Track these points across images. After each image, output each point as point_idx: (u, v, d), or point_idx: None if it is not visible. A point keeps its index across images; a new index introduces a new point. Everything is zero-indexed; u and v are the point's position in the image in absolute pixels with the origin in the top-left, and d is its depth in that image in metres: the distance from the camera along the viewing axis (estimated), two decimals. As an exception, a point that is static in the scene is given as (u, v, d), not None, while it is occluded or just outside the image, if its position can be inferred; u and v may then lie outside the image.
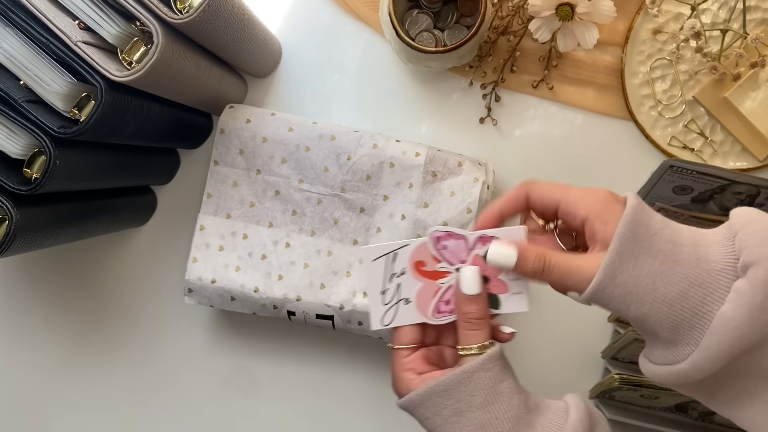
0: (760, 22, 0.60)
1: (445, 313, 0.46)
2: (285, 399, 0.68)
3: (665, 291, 0.37)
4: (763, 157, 0.61)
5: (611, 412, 0.62)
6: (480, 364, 0.42)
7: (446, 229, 0.45)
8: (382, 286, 0.46)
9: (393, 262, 0.46)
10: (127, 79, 0.46)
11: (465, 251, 0.45)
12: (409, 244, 0.46)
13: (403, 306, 0.47)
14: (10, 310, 0.69)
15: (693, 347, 0.37)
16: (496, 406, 0.42)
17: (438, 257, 0.46)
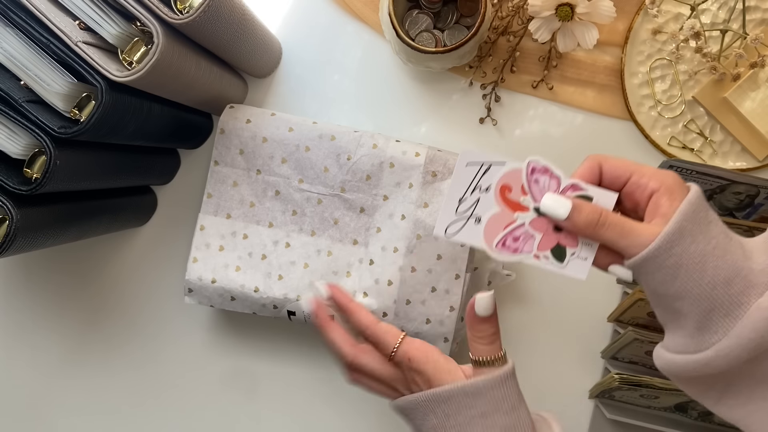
0: (759, 23, 0.60)
1: (509, 249, 0.45)
2: (285, 399, 0.68)
3: (713, 273, 0.38)
4: (763, 157, 0.61)
5: (611, 412, 0.62)
6: (510, 372, 0.44)
7: (544, 163, 0.44)
8: (463, 194, 0.45)
9: (483, 175, 0.45)
10: (128, 79, 0.46)
11: (556, 190, 0.44)
12: (505, 164, 0.44)
13: (473, 224, 0.45)
14: (11, 310, 0.69)
15: (721, 335, 0.38)
16: (519, 412, 0.44)
17: (526, 188, 0.44)
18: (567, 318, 0.65)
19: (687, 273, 0.38)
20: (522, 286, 0.65)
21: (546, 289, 0.65)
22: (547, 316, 0.65)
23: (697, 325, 0.39)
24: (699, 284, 0.38)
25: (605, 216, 0.41)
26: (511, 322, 0.66)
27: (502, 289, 0.65)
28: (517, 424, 0.43)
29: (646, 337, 0.56)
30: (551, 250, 0.44)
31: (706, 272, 0.38)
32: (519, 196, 0.44)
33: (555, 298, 0.65)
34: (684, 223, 0.38)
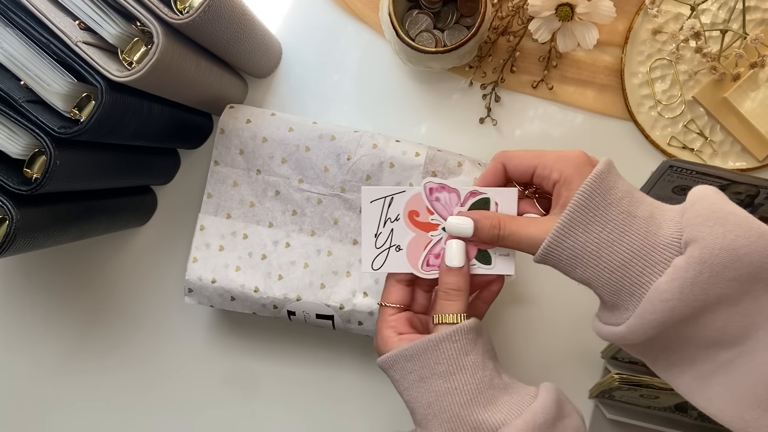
0: (759, 23, 0.60)
1: (434, 267, 0.47)
2: (285, 399, 0.68)
3: (609, 259, 0.39)
4: (763, 157, 0.61)
5: (611, 412, 0.62)
6: (447, 335, 0.43)
7: (439, 182, 0.46)
8: (377, 229, 0.47)
9: (389, 206, 0.47)
10: (128, 79, 0.46)
11: (456, 205, 0.47)
12: (405, 191, 0.47)
13: (395, 253, 0.48)
14: (11, 310, 0.69)
15: (631, 312, 0.39)
16: (457, 377, 0.43)
17: (430, 209, 0.47)
18: (567, 318, 0.65)
19: (583, 263, 0.40)
20: (522, 286, 0.65)
21: (546, 289, 0.65)
22: (547, 316, 0.65)
23: (610, 302, 0.41)
24: (596, 271, 0.40)
25: (502, 229, 0.44)
26: (511, 322, 0.66)
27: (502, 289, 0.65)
28: (456, 389, 0.42)
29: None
30: (476, 257, 0.47)
31: (601, 259, 0.39)
32: (427, 217, 0.47)
33: (555, 298, 0.65)
34: (574, 215, 0.40)
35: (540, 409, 0.41)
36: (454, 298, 0.45)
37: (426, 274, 0.47)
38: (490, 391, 0.43)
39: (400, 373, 0.44)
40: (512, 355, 0.66)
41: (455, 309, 0.45)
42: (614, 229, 0.39)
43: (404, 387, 0.44)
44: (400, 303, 0.48)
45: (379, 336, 0.47)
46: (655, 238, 0.39)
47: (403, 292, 0.48)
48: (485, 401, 0.42)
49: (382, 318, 0.47)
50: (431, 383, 0.43)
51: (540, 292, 0.65)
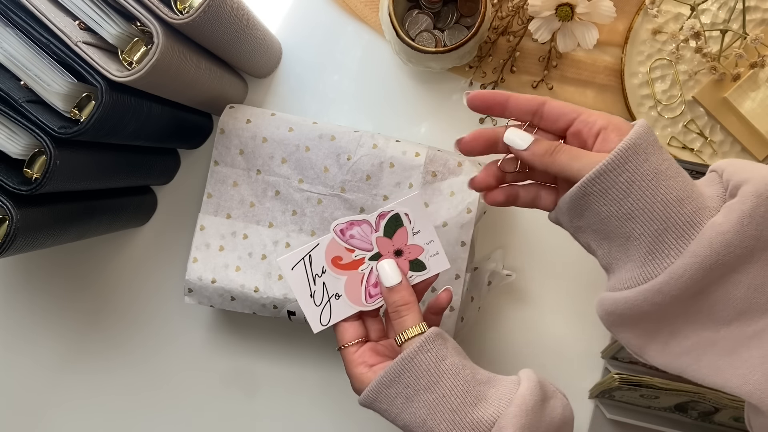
0: (759, 23, 0.60)
1: (376, 296, 0.48)
2: (285, 399, 0.68)
3: (666, 191, 0.37)
4: (763, 157, 0.61)
5: (611, 412, 0.62)
6: (418, 347, 0.43)
7: (346, 219, 0.47)
8: (309, 290, 0.48)
9: (310, 264, 0.48)
10: (128, 79, 0.46)
11: (372, 233, 0.47)
12: (319, 244, 0.47)
13: (335, 302, 0.48)
14: (11, 310, 0.69)
15: (674, 257, 0.37)
16: (442, 384, 0.43)
17: (349, 247, 0.48)
18: (567, 318, 0.65)
19: (640, 190, 0.38)
20: (522, 286, 0.65)
21: (546, 289, 0.65)
22: (547, 316, 0.65)
23: (648, 248, 0.38)
24: (652, 202, 0.38)
25: (560, 145, 0.41)
26: (511, 322, 0.66)
27: (502, 289, 0.65)
28: (444, 397, 0.42)
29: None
30: (410, 269, 0.48)
31: (659, 189, 0.38)
32: (350, 256, 0.48)
33: (555, 298, 0.65)
34: (638, 141, 0.38)
35: (528, 393, 0.42)
36: (406, 312, 0.45)
37: (373, 306, 0.48)
38: (477, 388, 0.43)
39: (386, 401, 0.44)
40: (512, 355, 0.66)
41: (412, 321, 0.45)
42: (671, 166, 0.38)
43: (395, 413, 0.44)
44: (357, 338, 0.48)
45: (352, 378, 0.47)
46: (701, 189, 0.39)
47: (355, 327, 0.48)
48: (475, 399, 0.42)
49: (348, 359, 0.47)
50: (419, 399, 0.43)
51: (540, 292, 0.65)
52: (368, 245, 0.48)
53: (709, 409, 0.59)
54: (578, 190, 0.39)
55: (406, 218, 0.48)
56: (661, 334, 0.40)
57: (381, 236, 0.48)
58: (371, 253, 0.48)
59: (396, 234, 0.48)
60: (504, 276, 0.62)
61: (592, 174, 0.38)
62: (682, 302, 0.38)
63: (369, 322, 0.50)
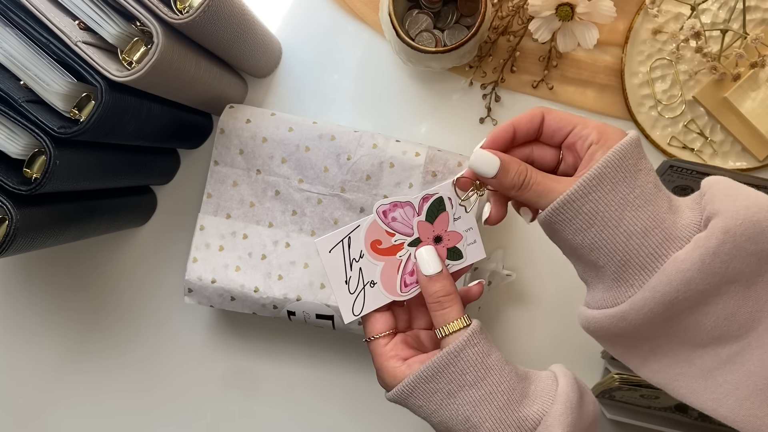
0: (759, 22, 0.60)
1: (411, 285, 0.46)
2: (285, 399, 0.68)
3: (630, 223, 0.37)
4: (763, 157, 0.61)
5: (611, 412, 0.62)
6: (466, 341, 0.41)
7: (390, 200, 0.44)
8: (345, 276, 0.45)
9: (349, 247, 0.45)
10: (127, 79, 0.46)
11: (414, 217, 0.45)
12: (360, 226, 0.45)
13: (370, 290, 0.46)
14: (10, 310, 0.69)
15: (637, 288, 0.37)
16: (489, 380, 0.41)
17: (390, 231, 0.45)
18: (567, 318, 0.65)
19: (603, 221, 0.38)
20: (522, 286, 0.65)
21: (546, 289, 0.65)
22: (547, 316, 0.65)
23: (613, 277, 0.38)
24: (613, 233, 0.37)
25: (529, 176, 0.41)
26: (511, 322, 0.66)
27: (502, 289, 0.65)
28: (491, 394, 0.41)
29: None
30: (447, 257, 0.46)
31: (622, 221, 0.37)
32: (390, 241, 0.45)
33: (555, 298, 0.65)
34: (606, 170, 0.38)
35: (570, 389, 0.41)
36: (449, 304, 0.43)
37: (408, 296, 0.46)
38: (521, 384, 0.42)
39: (423, 397, 0.42)
40: (512, 355, 0.65)
41: (456, 314, 0.43)
42: (642, 194, 0.38)
43: (432, 410, 0.42)
44: (388, 329, 0.45)
45: (383, 371, 0.44)
46: (676, 216, 0.38)
47: (385, 318, 0.46)
48: (520, 396, 0.41)
49: (378, 352, 0.45)
50: (463, 396, 0.41)
51: (540, 292, 0.65)
52: (409, 229, 0.45)
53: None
54: (544, 218, 0.40)
55: (449, 202, 0.45)
56: (641, 349, 0.40)
57: (423, 220, 0.45)
58: (411, 238, 0.45)
59: (438, 219, 0.45)
60: (504, 276, 0.62)
61: (555, 205, 0.39)
62: (655, 325, 0.38)
63: (397, 312, 0.47)
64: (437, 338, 0.43)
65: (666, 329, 0.38)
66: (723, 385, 0.37)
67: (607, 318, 0.39)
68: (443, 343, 0.43)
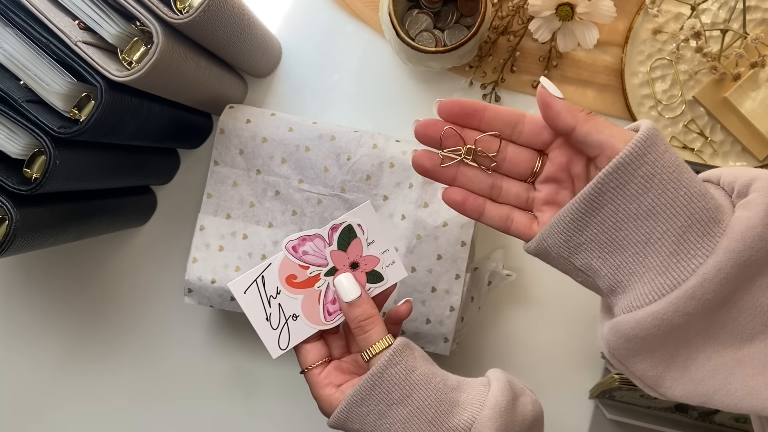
0: (760, 22, 0.60)
1: (335, 313, 0.47)
2: (285, 399, 0.68)
3: (688, 185, 0.34)
4: (763, 157, 0.61)
5: (611, 412, 0.62)
6: (386, 361, 0.42)
7: (297, 236, 0.46)
8: (265, 313, 0.46)
9: (264, 286, 0.46)
10: (127, 79, 0.46)
11: (326, 247, 0.46)
12: (271, 264, 0.46)
13: (293, 323, 0.47)
14: (10, 310, 0.69)
15: (702, 258, 0.33)
16: (415, 396, 0.42)
17: (303, 264, 0.46)
18: (567, 318, 0.65)
19: (662, 183, 0.34)
20: (522, 286, 0.65)
21: (546, 289, 0.65)
22: (547, 316, 0.65)
23: (671, 250, 0.34)
24: (675, 196, 0.34)
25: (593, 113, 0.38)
26: (511, 322, 0.66)
27: (502, 289, 0.65)
28: (419, 409, 0.41)
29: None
30: (368, 281, 0.47)
31: (681, 182, 0.34)
32: (305, 274, 0.46)
33: (555, 298, 0.65)
34: (654, 132, 0.35)
35: (499, 394, 0.41)
36: (370, 326, 0.44)
37: (333, 323, 0.47)
38: (449, 395, 0.42)
39: (358, 420, 0.43)
40: (512, 355, 0.65)
41: (378, 335, 0.44)
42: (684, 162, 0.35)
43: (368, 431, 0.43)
44: (320, 359, 0.46)
45: (320, 400, 0.45)
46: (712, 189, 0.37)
47: (317, 348, 0.47)
48: (449, 407, 0.42)
49: (313, 382, 0.46)
50: (392, 414, 0.42)
51: (540, 292, 0.65)
52: (323, 260, 0.46)
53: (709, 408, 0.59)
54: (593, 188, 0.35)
55: (359, 229, 0.46)
56: (679, 358, 0.36)
57: (335, 249, 0.46)
58: (326, 269, 0.47)
59: (350, 246, 0.47)
60: (504, 276, 0.62)
61: (613, 165, 0.35)
62: (705, 315, 0.34)
63: (330, 339, 0.49)
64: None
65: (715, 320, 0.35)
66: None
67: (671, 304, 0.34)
68: (370, 365, 0.43)
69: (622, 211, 0.35)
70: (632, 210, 0.35)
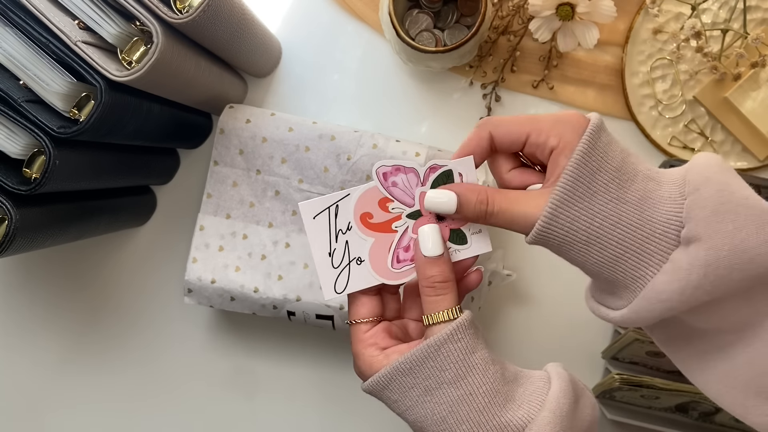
0: (760, 22, 0.60)
1: (404, 262, 0.41)
2: (285, 399, 0.68)
3: (600, 249, 0.36)
4: (764, 156, 0.61)
5: (611, 412, 0.62)
6: (448, 336, 0.38)
7: (393, 163, 0.40)
8: (329, 247, 0.41)
9: (336, 216, 0.41)
10: (127, 78, 0.46)
11: (417, 186, 0.41)
12: (350, 194, 0.41)
13: (356, 267, 0.41)
14: (10, 310, 0.69)
15: (626, 302, 0.37)
16: (469, 380, 0.38)
17: (389, 196, 0.41)
18: (567, 318, 0.64)
19: (574, 248, 0.37)
20: (522, 286, 0.65)
21: (546, 289, 0.65)
22: (547, 316, 0.65)
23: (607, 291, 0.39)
24: (587, 259, 0.37)
25: (491, 205, 0.38)
26: (511, 322, 0.66)
27: (502, 289, 0.65)
28: (471, 394, 0.37)
29: (647, 337, 0.56)
30: (449, 239, 0.41)
31: (591, 248, 0.37)
32: (382, 216, 0.41)
33: (555, 298, 0.65)
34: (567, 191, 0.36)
35: (562, 395, 0.37)
36: (443, 291, 0.39)
37: (400, 279, 0.42)
38: (506, 387, 0.38)
39: (399, 391, 0.39)
40: (512, 355, 0.65)
41: (448, 303, 0.39)
42: (605, 219, 0.36)
43: (407, 406, 0.39)
44: (372, 316, 0.42)
45: (359, 359, 0.41)
46: (650, 227, 0.35)
47: (372, 303, 0.42)
48: (503, 399, 0.37)
49: (358, 337, 0.41)
50: (440, 394, 0.38)
51: (540, 292, 0.65)
52: (410, 198, 0.41)
53: (709, 409, 0.59)
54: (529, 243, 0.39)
55: (459, 178, 0.40)
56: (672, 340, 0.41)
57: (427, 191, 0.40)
58: (411, 210, 0.41)
59: None
60: (504, 276, 0.62)
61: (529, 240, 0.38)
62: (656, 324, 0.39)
63: (387, 298, 0.44)
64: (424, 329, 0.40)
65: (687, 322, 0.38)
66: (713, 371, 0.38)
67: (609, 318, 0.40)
68: (428, 332, 0.39)
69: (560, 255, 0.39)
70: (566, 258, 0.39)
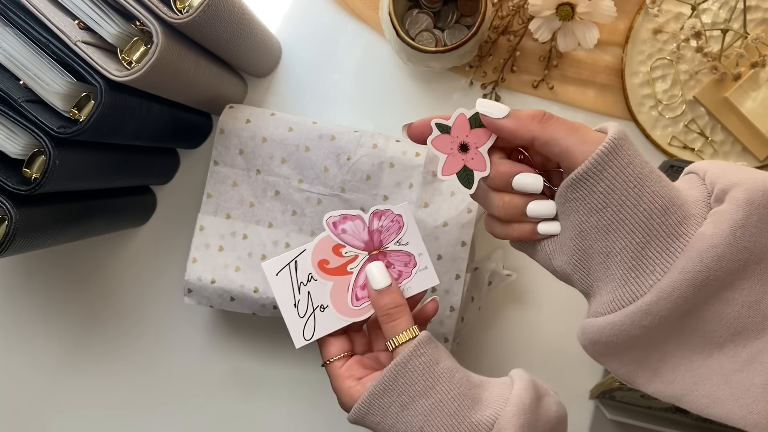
0: (760, 22, 0.60)
1: (363, 299, 0.47)
2: (285, 399, 0.68)
3: (650, 198, 0.34)
4: (764, 157, 0.61)
5: (611, 412, 0.62)
6: (411, 352, 0.42)
7: (339, 213, 0.46)
8: (293, 299, 0.46)
9: (296, 271, 0.46)
10: (127, 79, 0.46)
11: (364, 230, 0.46)
12: (305, 250, 0.46)
13: (320, 314, 0.47)
14: (10, 310, 0.69)
15: (660, 274, 0.34)
16: (438, 389, 0.42)
17: (340, 242, 0.46)
18: (567, 318, 0.64)
19: (620, 200, 0.34)
20: (522, 286, 0.65)
21: (546, 289, 0.65)
22: (546, 316, 0.65)
23: (630, 264, 0.34)
24: (633, 211, 0.34)
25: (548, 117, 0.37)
26: (511, 322, 0.66)
27: (502, 289, 0.65)
28: (441, 402, 0.41)
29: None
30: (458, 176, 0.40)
31: (642, 197, 0.34)
32: (337, 261, 0.46)
33: (555, 298, 0.65)
34: (616, 142, 0.34)
35: (523, 392, 0.41)
36: (398, 315, 0.44)
37: (362, 315, 0.47)
38: (472, 391, 0.42)
39: (379, 412, 0.43)
40: (512, 355, 0.65)
41: (404, 325, 0.44)
42: (654, 170, 0.35)
43: (389, 424, 0.43)
44: (343, 352, 0.46)
45: (340, 393, 0.45)
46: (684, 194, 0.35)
47: (340, 341, 0.47)
48: (471, 402, 0.42)
49: (334, 374, 0.45)
50: (415, 406, 0.42)
51: (540, 293, 0.65)
52: (359, 242, 0.47)
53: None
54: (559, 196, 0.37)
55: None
56: (650, 360, 0.36)
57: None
58: (362, 252, 0.47)
59: None
60: (504, 276, 0.62)
61: (569, 182, 0.35)
62: (672, 323, 0.35)
63: (353, 336, 0.49)
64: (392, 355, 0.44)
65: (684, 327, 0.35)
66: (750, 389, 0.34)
67: (627, 317, 0.35)
68: (393, 355, 0.43)
69: (585, 222, 0.36)
70: (593, 222, 0.36)
